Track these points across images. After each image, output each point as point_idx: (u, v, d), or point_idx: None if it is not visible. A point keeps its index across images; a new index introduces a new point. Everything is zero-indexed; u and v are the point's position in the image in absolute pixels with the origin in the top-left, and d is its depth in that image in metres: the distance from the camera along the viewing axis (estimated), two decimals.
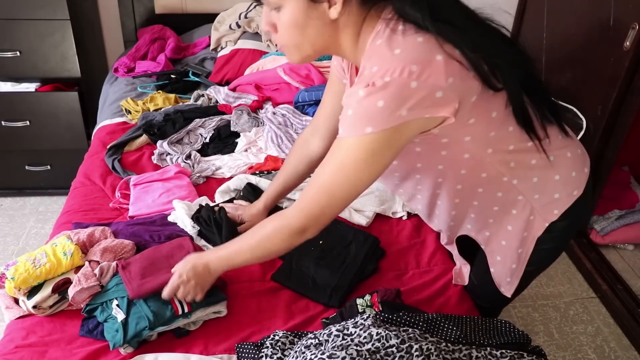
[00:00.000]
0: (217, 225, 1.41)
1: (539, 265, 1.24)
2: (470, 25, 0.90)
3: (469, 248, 1.30)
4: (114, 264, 1.26)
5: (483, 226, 1.18)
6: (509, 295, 1.25)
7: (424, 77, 0.84)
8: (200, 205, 1.52)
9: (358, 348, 0.96)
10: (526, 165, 1.04)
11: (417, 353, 0.96)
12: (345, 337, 1.01)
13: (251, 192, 1.58)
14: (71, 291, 1.19)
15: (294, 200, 1.55)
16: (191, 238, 1.43)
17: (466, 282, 1.35)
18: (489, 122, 0.95)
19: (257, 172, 1.75)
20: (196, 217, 1.46)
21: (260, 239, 1.09)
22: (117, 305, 1.17)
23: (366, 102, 0.85)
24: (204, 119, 2.02)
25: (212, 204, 1.52)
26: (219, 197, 1.62)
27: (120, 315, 1.14)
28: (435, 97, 0.85)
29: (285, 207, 1.51)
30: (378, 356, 0.95)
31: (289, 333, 1.15)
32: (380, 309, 1.17)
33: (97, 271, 1.23)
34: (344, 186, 0.95)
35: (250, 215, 1.44)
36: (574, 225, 1.16)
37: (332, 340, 1.01)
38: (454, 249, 1.35)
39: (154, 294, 1.18)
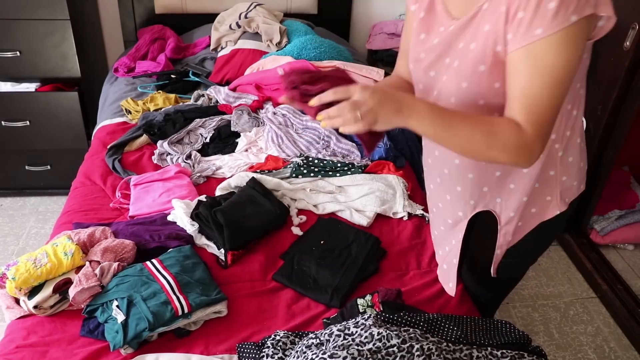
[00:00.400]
0: (216, 224, 1.41)
1: (527, 258, 1.24)
2: None
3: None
4: (115, 264, 1.26)
5: (513, 204, 1.12)
6: (493, 274, 1.22)
7: None
8: (199, 201, 1.51)
9: (359, 348, 0.96)
10: (573, 138, 1.04)
11: (418, 353, 0.96)
12: (347, 337, 1.01)
13: (257, 186, 1.58)
14: (72, 291, 1.19)
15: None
16: (191, 236, 1.44)
17: (451, 291, 1.30)
18: (584, 62, 0.95)
19: (258, 170, 1.75)
20: (195, 214, 1.46)
21: (492, 142, 0.89)
22: (117, 306, 1.17)
23: None
24: (204, 119, 2.02)
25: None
26: (219, 194, 1.63)
27: (120, 317, 1.14)
28: None
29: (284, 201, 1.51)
30: (379, 356, 0.95)
31: (290, 333, 1.15)
32: (381, 309, 1.17)
33: (97, 271, 1.23)
34: (557, 89, 0.86)
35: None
36: (561, 218, 1.14)
37: (333, 340, 1.01)
38: (458, 235, 1.25)
39: (155, 295, 1.18)
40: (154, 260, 1.30)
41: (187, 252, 1.35)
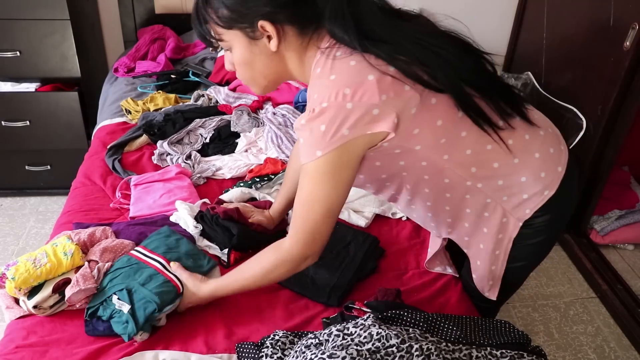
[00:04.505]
0: (221, 227, 1.41)
1: (529, 260, 1.24)
2: (400, 37, 0.94)
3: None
4: (108, 263, 1.27)
5: (461, 230, 1.20)
6: (494, 297, 1.27)
7: (358, 97, 0.90)
8: (205, 203, 1.52)
9: (358, 348, 0.96)
10: (488, 168, 1.05)
11: (417, 353, 0.96)
12: (346, 336, 1.01)
13: None
14: (68, 292, 1.19)
15: None
16: (193, 237, 1.43)
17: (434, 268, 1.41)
18: (435, 130, 0.99)
19: (256, 177, 1.72)
20: (200, 216, 1.46)
21: (263, 271, 1.12)
22: (118, 298, 1.17)
23: (310, 129, 0.93)
24: (204, 119, 2.02)
25: (225, 199, 1.55)
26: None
27: (125, 307, 1.15)
28: (372, 114, 0.91)
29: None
30: (378, 356, 0.95)
31: (289, 333, 1.15)
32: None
33: (95, 272, 1.22)
34: (319, 209, 1.00)
35: (268, 218, 1.47)
36: (558, 219, 1.16)
37: (333, 340, 1.01)
38: (438, 244, 1.38)
39: (152, 278, 1.20)
40: (138, 248, 1.31)
41: (166, 232, 1.37)
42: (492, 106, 1.02)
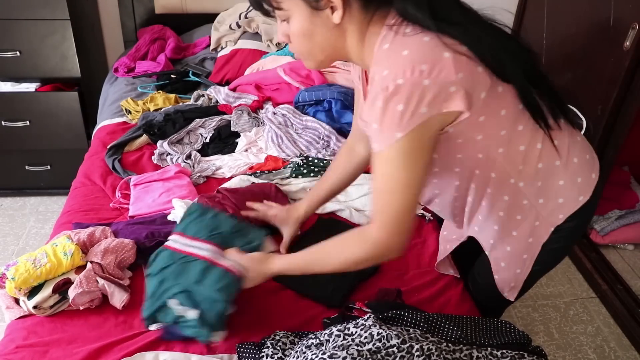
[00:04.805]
0: None
1: (546, 265, 1.23)
2: (471, 23, 0.92)
3: (470, 254, 1.31)
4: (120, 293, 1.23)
5: (488, 232, 1.18)
6: (512, 298, 1.26)
7: (435, 74, 0.86)
8: (202, 196, 1.50)
9: (359, 348, 0.96)
10: (533, 168, 1.04)
11: (417, 353, 0.96)
12: (346, 337, 1.01)
13: None
14: (72, 292, 1.19)
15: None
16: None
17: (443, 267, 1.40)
18: (498, 120, 0.97)
19: (258, 171, 1.75)
20: None
21: (347, 262, 1.06)
22: (181, 303, 1.06)
23: (387, 110, 0.88)
24: (204, 119, 2.02)
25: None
26: None
27: (191, 313, 1.05)
28: (448, 91, 0.87)
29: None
30: (379, 356, 0.95)
31: (290, 333, 1.15)
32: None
33: (100, 279, 1.22)
34: (403, 194, 0.95)
35: (290, 217, 1.42)
36: (581, 226, 1.16)
37: (333, 340, 1.01)
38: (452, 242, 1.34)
39: (206, 272, 1.09)
40: (175, 237, 1.17)
41: (198, 210, 1.22)
42: (545, 103, 1.01)
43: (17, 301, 1.21)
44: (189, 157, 1.84)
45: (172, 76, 2.40)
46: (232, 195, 1.49)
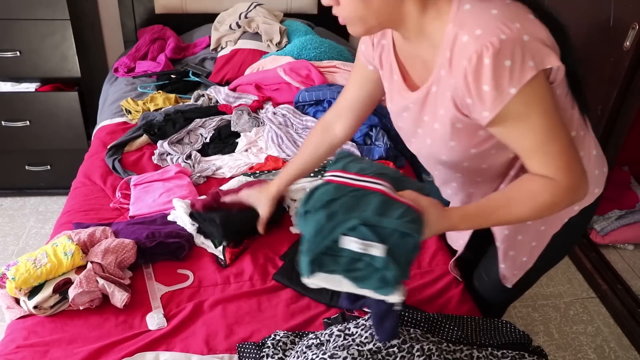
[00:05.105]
0: (209, 221, 1.40)
1: (549, 261, 1.24)
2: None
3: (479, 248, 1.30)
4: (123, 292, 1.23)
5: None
6: (509, 285, 1.25)
7: (530, 31, 0.83)
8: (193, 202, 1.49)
9: (359, 348, 0.96)
10: None
11: (418, 353, 0.96)
12: (347, 337, 1.01)
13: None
14: (72, 292, 1.19)
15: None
16: (192, 235, 1.43)
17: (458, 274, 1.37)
18: (554, 97, 0.94)
19: (257, 172, 1.75)
20: (190, 214, 1.45)
21: (539, 208, 0.95)
22: (363, 238, 0.82)
23: (497, 67, 0.82)
24: (204, 119, 2.02)
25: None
26: None
27: (377, 249, 0.82)
28: (547, 47, 0.85)
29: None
30: (379, 356, 0.95)
31: (290, 333, 1.15)
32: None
33: (100, 279, 1.22)
34: (555, 133, 0.89)
35: (262, 196, 1.37)
36: (585, 222, 1.17)
37: (334, 340, 1.01)
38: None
39: (387, 205, 0.87)
40: (337, 174, 0.95)
41: (348, 154, 1.05)
42: (580, 94, 1.00)
43: (17, 301, 1.21)
44: (189, 157, 1.84)
45: (172, 76, 2.40)
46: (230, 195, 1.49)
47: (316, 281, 0.88)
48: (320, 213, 0.85)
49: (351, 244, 0.82)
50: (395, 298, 0.85)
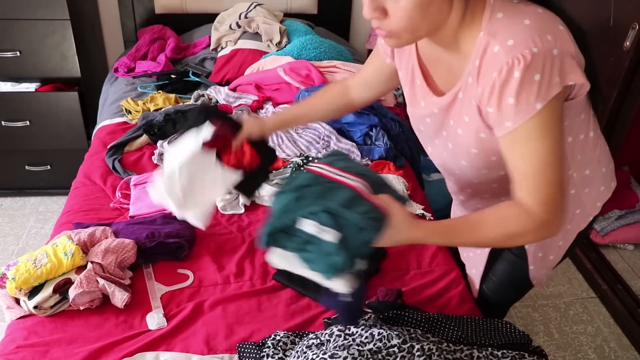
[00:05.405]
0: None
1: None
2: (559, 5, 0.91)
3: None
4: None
5: None
6: (538, 286, 1.28)
7: (559, 44, 0.83)
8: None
9: (360, 348, 0.96)
10: (587, 156, 1.05)
11: (418, 353, 0.96)
12: (347, 337, 1.01)
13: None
14: (72, 292, 1.19)
15: None
16: (192, 236, 1.42)
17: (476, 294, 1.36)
18: (578, 104, 0.95)
19: None
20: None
21: (507, 236, 0.94)
22: (321, 223, 0.85)
23: (525, 81, 0.82)
24: None
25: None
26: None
27: (330, 233, 0.85)
28: (573, 63, 0.85)
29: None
30: (380, 356, 0.95)
31: (290, 333, 1.15)
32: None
33: (100, 279, 1.22)
34: (557, 164, 0.88)
35: (258, 124, 1.23)
36: (593, 219, 1.19)
37: (334, 340, 1.01)
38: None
39: (355, 201, 0.90)
40: (320, 165, 0.99)
41: (342, 155, 1.07)
42: (597, 98, 1.01)
43: (17, 301, 1.21)
44: None
45: (172, 76, 2.40)
46: None
47: (274, 258, 0.94)
48: (291, 194, 0.90)
49: (308, 226, 0.86)
50: (340, 286, 0.89)
